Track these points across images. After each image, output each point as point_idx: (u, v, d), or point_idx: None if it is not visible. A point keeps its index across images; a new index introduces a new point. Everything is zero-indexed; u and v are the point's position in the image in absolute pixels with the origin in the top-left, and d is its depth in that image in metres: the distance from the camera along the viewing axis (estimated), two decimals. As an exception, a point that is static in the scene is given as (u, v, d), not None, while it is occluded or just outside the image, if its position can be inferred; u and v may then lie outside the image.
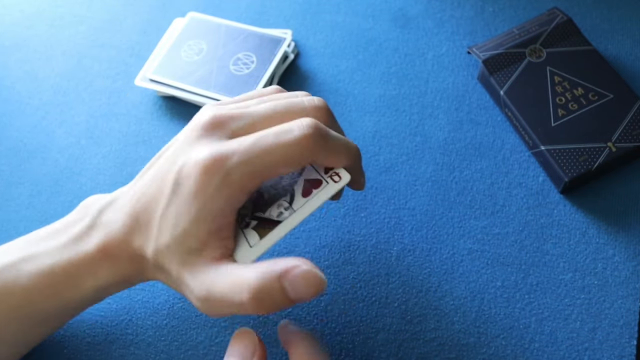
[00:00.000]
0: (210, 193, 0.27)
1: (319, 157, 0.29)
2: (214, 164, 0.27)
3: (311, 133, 0.28)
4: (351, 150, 0.30)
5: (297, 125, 0.28)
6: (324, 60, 0.46)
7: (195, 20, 0.47)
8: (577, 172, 0.37)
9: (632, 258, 0.36)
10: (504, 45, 0.42)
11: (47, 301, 0.30)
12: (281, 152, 0.27)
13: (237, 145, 0.28)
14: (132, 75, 0.47)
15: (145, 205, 0.29)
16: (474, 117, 0.42)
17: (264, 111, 0.30)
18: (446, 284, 0.36)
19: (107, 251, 0.30)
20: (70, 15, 0.51)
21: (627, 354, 0.33)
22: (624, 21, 0.45)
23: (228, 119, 0.29)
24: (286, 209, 0.30)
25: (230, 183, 0.27)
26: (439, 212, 0.39)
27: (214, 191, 0.27)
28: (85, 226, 0.30)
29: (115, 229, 0.30)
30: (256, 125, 0.29)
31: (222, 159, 0.27)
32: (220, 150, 0.27)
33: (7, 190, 0.42)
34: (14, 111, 0.46)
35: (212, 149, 0.27)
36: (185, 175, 0.28)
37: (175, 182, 0.28)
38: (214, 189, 0.27)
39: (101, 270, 0.30)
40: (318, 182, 0.31)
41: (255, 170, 0.27)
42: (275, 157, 0.27)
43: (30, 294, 0.30)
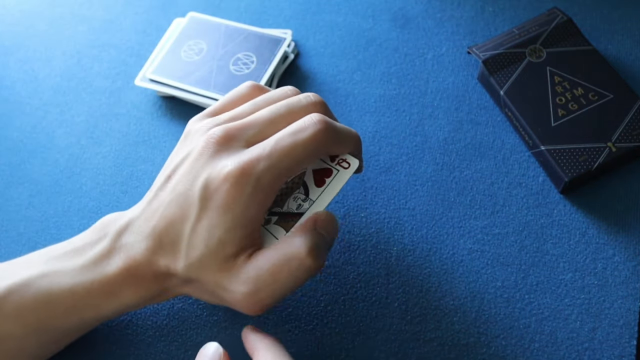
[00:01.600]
0: (244, 200, 0.28)
1: (331, 148, 0.31)
2: (243, 173, 0.28)
3: (323, 127, 0.30)
4: (354, 137, 0.32)
5: (309, 122, 0.30)
6: (324, 60, 0.46)
7: (195, 20, 0.47)
8: (577, 172, 0.37)
9: (632, 258, 0.36)
10: (504, 45, 0.42)
11: (67, 320, 0.30)
12: (300, 149, 0.29)
13: (260, 151, 0.29)
14: (132, 75, 0.47)
15: (168, 226, 0.30)
16: (474, 117, 0.42)
17: (269, 116, 0.31)
18: (446, 284, 0.36)
19: (130, 273, 0.30)
20: (70, 15, 0.51)
21: (627, 354, 0.33)
22: (624, 21, 0.45)
23: (239, 130, 0.30)
24: (304, 200, 0.31)
25: (262, 188, 0.29)
26: (439, 212, 0.39)
27: (248, 198, 0.28)
28: (105, 248, 0.31)
29: (137, 252, 0.30)
30: (266, 130, 0.31)
31: (250, 167, 0.28)
32: (246, 159, 0.29)
33: (7, 190, 0.42)
34: (14, 111, 0.46)
35: (237, 160, 0.29)
36: (213, 189, 0.29)
37: (202, 198, 0.29)
38: (247, 196, 0.28)
39: (124, 292, 0.30)
40: (328, 171, 0.32)
41: (281, 171, 0.29)
42: (296, 156, 0.29)
43: (49, 313, 0.30)
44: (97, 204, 0.41)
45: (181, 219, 0.29)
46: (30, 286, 0.30)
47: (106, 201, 0.41)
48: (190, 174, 0.30)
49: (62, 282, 0.30)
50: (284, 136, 0.29)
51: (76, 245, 0.31)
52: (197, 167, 0.30)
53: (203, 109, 0.44)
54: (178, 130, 0.44)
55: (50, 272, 0.30)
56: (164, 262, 0.30)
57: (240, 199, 0.28)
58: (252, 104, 0.33)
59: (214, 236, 0.29)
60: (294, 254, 0.28)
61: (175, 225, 0.29)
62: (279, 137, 0.29)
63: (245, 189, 0.28)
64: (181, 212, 0.29)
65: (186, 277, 0.30)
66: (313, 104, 0.32)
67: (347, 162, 0.32)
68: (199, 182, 0.29)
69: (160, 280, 0.31)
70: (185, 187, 0.30)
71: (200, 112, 0.44)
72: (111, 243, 0.31)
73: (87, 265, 0.30)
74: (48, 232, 0.40)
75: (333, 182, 0.32)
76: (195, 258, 0.29)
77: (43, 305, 0.30)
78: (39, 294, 0.30)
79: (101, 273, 0.30)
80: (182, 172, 0.30)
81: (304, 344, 0.35)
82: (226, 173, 0.28)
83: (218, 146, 0.30)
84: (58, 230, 0.40)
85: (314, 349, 0.34)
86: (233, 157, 0.29)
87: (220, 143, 0.30)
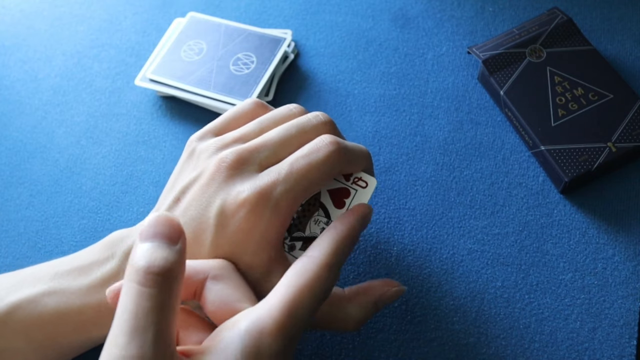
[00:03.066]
0: (264, 225, 0.28)
1: (344, 168, 0.31)
2: (261, 198, 0.28)
3: (336, 148, 0.30)
4: (366, 155, 0.32)
5: (321, 144, 0.30)
6: (324, 60, 0.46)
7: (195, 20, 0.47)
8: (577, 172, 0.37)
9: (632, 258, 0.36)
10: (504, 45, 0.42)
11: (74, 338, 0.30)
12: (315, 171, 0.29)
13: (276, 175, 0.29)
14: (132, 75, 0.47)
15: None
16: (474, 117, 0.42)
17: (281, 137, 0.31)
18: (446, 284, 0.36)
19: None
20: (70, 15, 0.51)
21: (627, 354, 0.33)
22: (624, 21, 0.45)
23: (251, 153, 0.30)
24: (326, 223, 0.31)
25: (279, 211, 0.28)
26: (439, 212, 0.39)
27: (266, 223, 0.28)
28: (113, 270, 0.30)
29: None
30: (278, 152, 0.30)
31: (268, 191, 0.28)
32: (262, 184, 0.29)
33: (7, 190, 0.42)
34: (14, 111, 0.46)
35: (253, 185, 0.29)
36: (229, 215, 0.28)
37: (218, 224, 0.28)
38: (266, 221, 0.28)
39: None
40: (346, 191, 0.32)
41: (298, 193, 0.29)
42: (312, 177, 0.29)
43: (56, 330, 0.30)
44: (97, 204, 0.41)
45: (195, 242, 0.29)
46: (37, 303, 0.29)
47: (106, 201, 0.41)
48: (202, 199, 0.29)
49: (69, 302, 0.30)
50: (298, 158, 0.29)
51: (83, 263, 0.31)
52: (209, 191, 0.29)
53: (203, 109, 0.44)
54: (178, 130, 0.44)
55: (57, 290, 0.30)
56: None
57: (259, 224, 0.28)
58: (258, 123, 0.32)
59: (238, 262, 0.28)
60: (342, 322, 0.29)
61: (190, 248, 0.29)
62: (294, 160, 0.29)
63: (263, 214, 0.28)
64: (195, 236, 0.29)
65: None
66: (323, 124, 0.32)
67: (363, 180, 0.32)
68: (214, 208, 0.29)
69: None
70: (198, 212, 0.29)
71: (200, 110, 0.44)
72: (119, 264, 0.30)
73: (95, 286, 0.30)
74: (48, 232, 0.40)
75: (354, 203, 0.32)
76: None
77: (50, 323, 0.30)
78: (45, 312, 0.29)
79: None
80: (192, 195, 0.30)
81: (304, 344, 0.35)
82: (243, 199, 0.28)
83: (231, 170, 0.29)
84: (58, 230, 0.40)
85: (314, 349, 0.34)
86: (248, 182, 0.29)
87: (233, 167, 0.29)
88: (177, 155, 0.42)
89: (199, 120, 0.44)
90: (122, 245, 0.31)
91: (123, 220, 0.40)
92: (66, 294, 0.30)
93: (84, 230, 0.40)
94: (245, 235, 0.28)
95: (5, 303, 0.30)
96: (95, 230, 0.40)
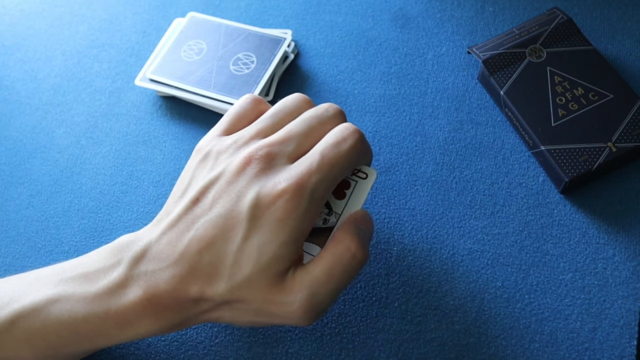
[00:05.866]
0: (300, 215, 0.29)
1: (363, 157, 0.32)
2: (298, 188, 0.29)
3: (359, 136, 0.31)
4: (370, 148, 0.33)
5: (347, 132, 0.31)
6: (324, 60, 0.46)
7: (195, 20, 0.47)
8: (577, 172, 0.37)
9: (632, 258, 0.36)
10: (504, 45, 0.42)
11: (77, 346, 0.30)
12: (344, 160, 0.30)
13: (309, 165, 0.30)
14: (132, 75, 0.47)
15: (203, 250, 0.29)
16: (474, 117, 0.42)
17: (303, 130, 0.32)
18: (446, 284, 0.36)
19: (150, 303, 0.29)
20: (70, 15, 0.51)
21: (628, 354, 0.33)
22: (624, 21, 0.45)
23: (279, 146, 0.31)
24: (328, 214, 0.32)
25: (315, 200, 0.29)
26: (439, 212, 0.39)
27: (303, 212, 0.29)
28: (121, 277, 0.29)
29: (159, 281, 0.29)
30: (302, 144, 0.31)
31: (304, 181, 0.29)
32: (299, 173, 0.29)
33: (7, 190, 0.42)
34: (14, 111, 0.46)
35: (289, 175, 0.29)
36: (265, 206, 0.29)
37: (252, 217, 0.29)
38: (303, 210, 0.29)
39: (142, 322, 0.29)
40: (346, 182, 0.33)
41: (330, 182, 0.30)
42: (342, 166, 0.30)
43: (60, 340, 0.29)
44: (97, 204, 0.41)
45: (223, 240, 0.29)
46: (41, 311, 0.29)
47: (106, 201, 0.41)
48: (231, 194, 0.29)
49: (73, 310, 0.29)
50: (327, 147, 0.30)
51: (89, 269, 0.30)
52: (238, 186, 0.29)
53: (203, 109, 0.44)
54: (178, 130, 0.44)
55: (61, 298, 0.29)
56: (195, 289, 0.29)
57: (296, 214, 0.28)
58: (272, 118, 0.33)
59: (266, 253, 0.28)
60: (345, 250, 0.30)
61: (215, 247, 0.29)
62: (323, 149, 0.30)
63: (301, 203, 0.29)
64: (222, 233, 0.29)
65: (227, 299, 0.29)
66: (339, 114, 0.33)
67: (362, 172, 0.33)
68: (247, 201, 0.29)
69: (185, 309, 0.29)
70: (226, 208, 0.29)
71: (200, 110, 0.44)
72: (127, 271, 0.29)
73: (101, 295, 0.29)
74: (48, 232, 0.40)
75: (355, 193, 0.33)
76: (242, 278, 0.28)
77: (53, 332, 0.29)
78: (48, 320, 0.29)
79: (117, 303, 0.29)
80: (217, 193, 0.30)
81: (304, 344, 0.35)
82: (281, 189, 0.29)
83: (262, 164, 0.30)
84: (58, 230, 0.40)
85: (314, 349, 0.34)
86: (283, 174, 0.29)
87: (264, 160, 0.30)
88: (177, 155, 0.42)
89: (199, 120, 0.44)
90: (129, 252, 0.30)
91: (123, 220, 0.40)
92: (71, 302, 0.29)
93: (84, 230, 0.40)
94: (280, 225, 0.28)
95: (8, 311, 0.29)
96: (95, 230, 0.40)
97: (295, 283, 0.29)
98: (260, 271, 0.28)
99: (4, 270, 0.39)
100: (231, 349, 0.35)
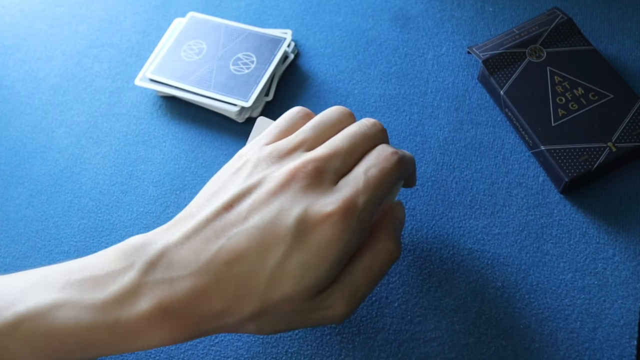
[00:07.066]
0: (348, 236, 0.28)
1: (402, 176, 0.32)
2: (348, 210, 0.28)
3: (399, 158, 0.31)
4: (412, 161, 0.33)
5: (386, 153, 0.31)
6: (324, 60, 0.46)
7: (195, 20, 0.47)
8: (577, 172, 0.37)
9: (632, 258, 0.36)
10: (504, 45, 0.42)
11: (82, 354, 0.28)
12: (387, 180, 0.30)
13: (356, 186, 0.29)
14: (132, 75, 0.47)
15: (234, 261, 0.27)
16: (474, 117, 0.42)
17: (349, 147, 0.31)
18: (446, 284, 0.36)
19: (166, 314, 0.27)
20: (70, 15, 0.51)
21: (628, 354, 0.33)
22: (624, 21, 0.45)
23: (325, 163, 0.30)
24: None
25: (363, 221, 0.29)
26: (439, 212, 0.39)
27: (352, 233, 0.28)
28: (132, 283, 0.27)
29: (178, 291, 0.27)
30: (346, 162, 0.31)
31: (353, 203, 0.28)
32: (347, 196, 0.28)
33: (7, 190, 0.42)
34: (14, 111, 0.46)
35: (338, 197, 0.28)
36: (312, 225, 0.28)
37: (297, 233, 0.27)
38: (352, 231, 0.28)
39: (155, 334, 0.27)
40: None
41: (376, 203, 0.30)
42: (385, 186, 0.30)
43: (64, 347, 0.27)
44: (97, 204, 0.41)
45: (259, 253, 0.27)
46: (45, 316, 0.27)
47: (106, 201, 0.41)
48: (272, 207, 0.28)
49: (79, 317, 0.27)
50: (371, 168, 0.30)
51: (97, 273, 0.28)
52: (281, 200, 0.28)
53: (203, 109, 0.44)
54: (178, 130, 0.44)
55: (67, 302, 0.27)
56: (220, 303, 0.27)
57: (345, 236, 0.28)
58: (313, 129, 0.32)
59: (310, 273, 0.27)
60: (383, 249, 0.30)
61: (248, 260, 0.27)
62: (367, 169, 0.30)
63: (350, 226, 0.28)
64: (258, 246, 0.27)
65: (258, 313, 0.27)
66: (381, 132, 0.32)
67: None
68: (292, 217, 0.27)
69: (205, 323, 0.27)
70: (265, 221, 0.27)
71: (200, 110, 0.44)
72: (139, 277, 0.27)
73: (110, 302, 0.27)
74: (48, 232, 0.40)
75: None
76: (280, 295, 0.27)
77: (57, 338, 0.27)
78: (53, 325, 0.27)
79: (127, 312, 0.27)
80: (254, 203, 0.28)
81: (304, 344, 0.35)
82: (330, 211, 0.28)
83: (310, 179, 0.29)
84: (58, 230, 0.40)
85: (314, 349, 0.34)
86: (332, 194, 0.29)
87: (312, 176, 0.29)
88: (177, 155, 0.42)
89: (199, 120, 0.44)
90: (142, 255, 0.27)
91: (123, 220, 0.40)
92: (77, 308, 0.27)
93: (84, 230, 0.40)
94: (328, 247, 0.27)
95: (11, 313, 0.27)
96: (95, 230, 0.40)
97: (338, 285, 0.29)
98: (301, 291, 0.27)
99: (3, 271, 0.39)
100: (231, 348, 0.35)
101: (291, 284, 0.27)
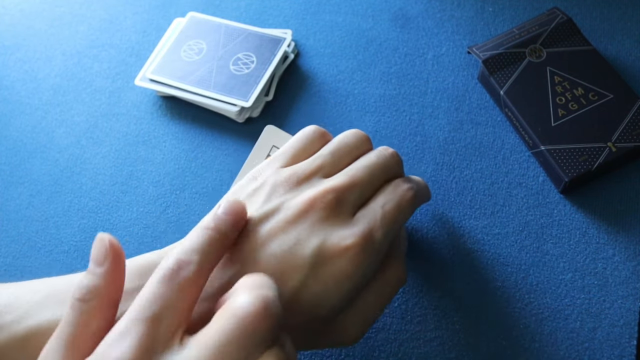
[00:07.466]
0: (364, 270, 0.28)
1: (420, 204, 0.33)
2: (365, 244, 0.28)
3: (414, 193, 0.31)
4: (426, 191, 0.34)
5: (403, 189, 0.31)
6: (324, 60, 0.46)
7: (195, 20, 0.47)
8: (577, 172, 0.37)
9: (632, 258, 0.36)
10: (504, 45, 0.42)
11: None
12: (402, 216, 0.31)
13: (373, 220, 0.29)
14: (132, 75, 0.47)
15: None
16: (474, 117, 0.42)
17: (368, 178, 0.31)
18: (446, 284, 0.36)
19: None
20: (70, 15, 0.51)
21: (627, 354, 0.33)
22: (624, 21, 0.45)
23: (344, 194, 0.30)
24: None
25: (379, 254, 0.29)
26: (439, 212, 0.39)
27: (367, 267, 0.28)
28: None
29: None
30: (365, 193, 0.31)
31: (370, 238, 0.28)
32: (365, 230, 0.29)
33: (7, 190, 0.42)
34: (14, 111, 0.46)
35: (356, 231, 0.28)
36: (329, 257, 0.28)
37: (314, 265, 0.27)
38: (367, 265, 0.28)
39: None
40: None
41: (392, 236, 0.30)
42: (400, 220, 0.31)
43: None
44: (97, 204, 0.41)
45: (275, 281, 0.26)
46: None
47: (106, 201, 0.41)
48: (289, 235, 0.28)
49: None
50: (388, 202, 0.30)
51: None
52: (299, 229, 0.28)
53: (203, 109, 0.44)
54: (178, 130, 0.44)
55: None
56: None
57: (361, 269, 0.28)
58: (331, 155, 0.31)
59: (324, 303, 0.27)
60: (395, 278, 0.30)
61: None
62: (384, 204, 0.30)
63: (366, 259, 0.28)
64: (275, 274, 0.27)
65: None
66: (397, 164, 0.33)
67: None
68: (310, 248, 0.27)
69: None
70: (283, 249, 0.27)
71: (200, 110, 0.44)
72: None
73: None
74: (48, 232, 0.40)
75: None
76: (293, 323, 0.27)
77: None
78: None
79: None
80: (271, 229, 0.28)
81: (304, 344, 0.35)
82: (348, 244, 0.28)
83: (328, 210, 0.29)
84: (58, 230, 0.40)
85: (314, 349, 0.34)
86: (350, 227, 0.29)
87: (330, 207, 0.29)
88: (177, 155, 0.42)
89: (199, 120, 0.44)
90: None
91: (123, 220, 0.40)
92: None
93: (84, 230, 0.40)
94: (345, 279, 0.28)
95: (23, 327, 0.27)
96: (95, 230, 0.40)
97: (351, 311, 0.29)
98: (314, 319, 0.28)
99: (3, 270, 0.39)
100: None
101: (305, 313, 0.27)
